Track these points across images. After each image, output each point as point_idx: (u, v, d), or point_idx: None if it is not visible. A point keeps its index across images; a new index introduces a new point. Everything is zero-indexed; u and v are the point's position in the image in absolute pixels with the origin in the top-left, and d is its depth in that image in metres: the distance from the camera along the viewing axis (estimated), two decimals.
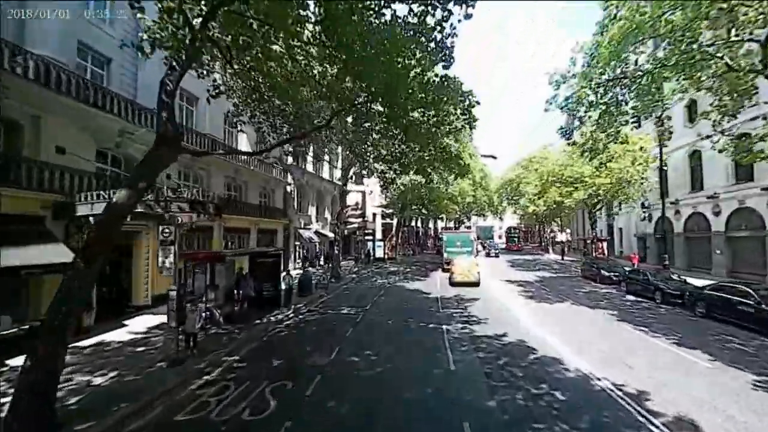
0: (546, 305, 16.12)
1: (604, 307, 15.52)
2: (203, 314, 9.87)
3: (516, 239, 56.02)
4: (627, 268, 21.75)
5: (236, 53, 9.87)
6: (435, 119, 8.95)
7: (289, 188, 29.76)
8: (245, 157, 22.96)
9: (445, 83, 8.43)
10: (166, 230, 9.46)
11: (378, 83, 8.49)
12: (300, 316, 14.44)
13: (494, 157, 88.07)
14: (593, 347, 10.18)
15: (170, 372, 8.60)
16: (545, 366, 8.75)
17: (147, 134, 14.25)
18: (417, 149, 9.28)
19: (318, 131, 14.02)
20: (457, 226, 77.68)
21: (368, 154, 18.67)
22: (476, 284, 21.16)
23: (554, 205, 31.22)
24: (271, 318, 13.85)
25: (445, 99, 8.56)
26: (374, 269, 32.40)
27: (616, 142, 15.83)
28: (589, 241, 32.93)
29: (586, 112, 15.93)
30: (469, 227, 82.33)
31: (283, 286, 15.83)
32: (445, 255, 28.99)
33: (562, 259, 39.77)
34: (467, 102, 8.65)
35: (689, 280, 18.11)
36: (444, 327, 12.27)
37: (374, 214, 52.94)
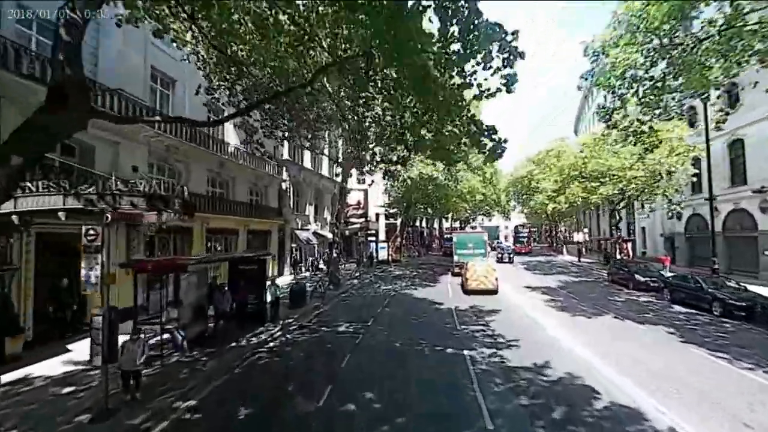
0: (583, 319, 13.49)
1: (655, 322, 12.87)
2: (146, 345, 7.34)
3: (525, 240, 52.43)
4: (668, 273, 19.02)
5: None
6: (462, 76, 6.44)
7: (284, 185, 27.28)
8: (232, 149, 20.50)
9: (479, 26, 5.86)
10: (91, 232, 6.93)
11: (385, 40, 5.99)
12: (288, 336, 11.89)
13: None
14: (676, 387, 7.55)
15: None
16: (623, 424, 6.15)
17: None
18: (434, 120, 6.74)
19: (300, 95, 11.50)
20: (462, 226, 74.96)
21: (370, 136, 16.09)
22: (494, 292, 18.55)
23: (578, 202, 28.53)
24: (252, 339, 11.31)
25: (477, 46, 6.01)
26: (377, 273, 29.84)
27: (669, 118, 13.24)
28: (611, 242, 30.17)
29: (629, 87, 13.33)
30: (474, 227, 79.49)
31: (269, 298, 13.31)
32: (456, 258, 26.37)
33: (579, 260, 37.01)
34: (507, 52, 6.10)
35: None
36: (466, 353, 9.68)
37: (377, 214, 50.41)
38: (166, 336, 9.69)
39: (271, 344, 11.05)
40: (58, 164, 11.83)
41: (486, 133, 6.68)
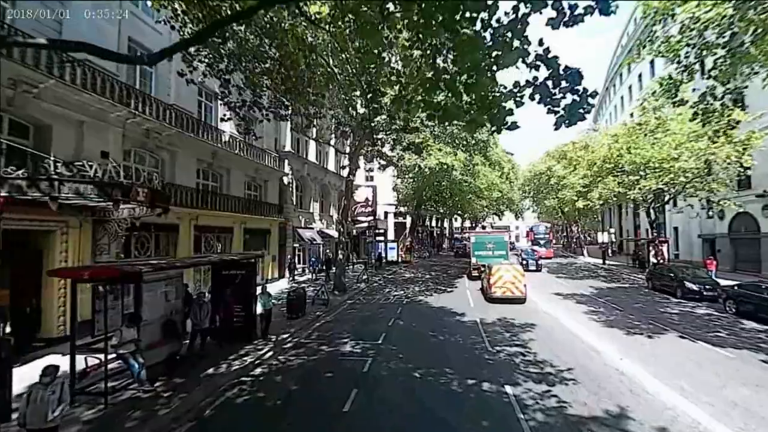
0: (641, 338, 11.03)
1: (733, 344, 10.36)
2: (64, 391, 5.14)
3: (545, 241, 47.02)
4: (732, 282, 16.35)
5: None
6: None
7: (286, 180, 25.12)
8: (227, 138, 18.36)
9: None
10: None
11: None
12: (280, 358, 9.66)
13: (511, 153, 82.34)
14: None
15: None
16: None
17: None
18: (468, 70, 4.39)
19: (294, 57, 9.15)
20: (473, 225, 72.28)
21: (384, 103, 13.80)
22: (522, 301, 16.13)
23: (612, 199, 25.85)
24: (235, 363, 9.10)
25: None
26: (387, 275, 27.55)
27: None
28: (645, 244, 27.42)
29: (698, 56, 10.83)
30: (485, 226, 76.61)
31: (259, 309, 11.10)
32: (473, 260, 23.96)
33: (604, 263, 34.26)
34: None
35: None
36: (510, 391, 7.32)
37: (386, 213, 48.08)
38: (119, 363, 7.52)
39: (258, 371, 8.82)
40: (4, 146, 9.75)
41: (565, 77, 4.36)
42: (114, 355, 7.34)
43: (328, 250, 29.02)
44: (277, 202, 23.70)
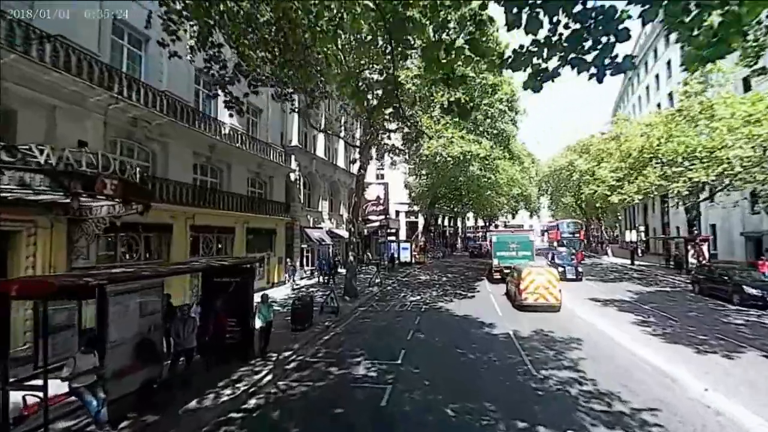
0: (717, 359, 9.07)
1: None
2: None
3: (575, 242, 37.09)
4: None
5: None
6: None
7: (293, 176, 23.58)
8: (227, 130, 16.85)
9: None
10: None
11: None
12: (280, 384, 8.01)
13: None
14: None
15: None
16: None
17: None
18: None
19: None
20: (486, 224, 69.98)
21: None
22: (557, 309, 14.23)
23: (653, 193, 23.61)
24: (225, 391, 7.48)
25: None
26: (400, 278, 25.82)
27: None
28: (683, 242, 25.12)
29: None
30: (497, 225, 74.26)
31: (258, 324, 9.48)
32: (495, 261, 22.06)
33: (633, 263, 31.90)
34: None
35: None
36: None
37: (397, 212, 46.39)
38: (72, 398, 5.95)
39: (252, 403, 7.17)
40: None
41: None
42: (66, 390, 5.78)
43: (337, 254, 27.39)
44: (283, 200, 22.18)
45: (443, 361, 9.21)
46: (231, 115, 10.04)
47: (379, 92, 14.51)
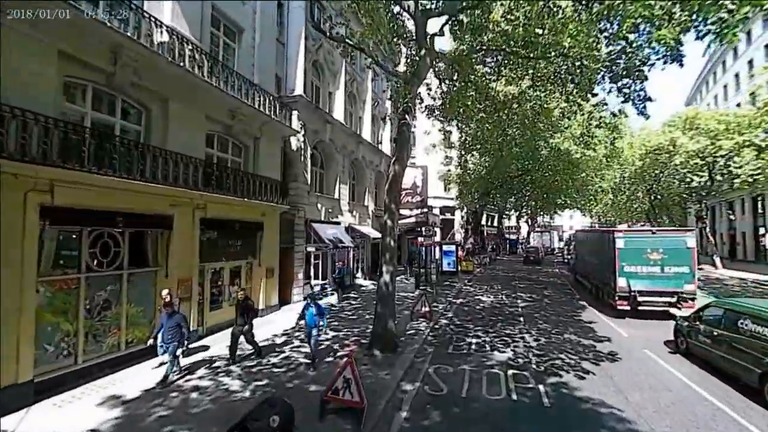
0: None
1: None
2: None
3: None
4: None
5: None
6: None
7: (294, 143, 15.55)
8: (163, 37, 8.88)
9: None
10: None
11: None
12: None
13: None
14: None
15: None
16: None
17: None
18: None
19: None
20: (531, 224, 60.09)
21: None
22: None
23: None
24: None
25: None
26: (452, 298, 17.32)
27: None
28: None
29: None
30: (527, 223, 63.13)
31: None
32: (620, 281, 13.23)
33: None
34: None
35: None
36: None
37: (431, 207, 37.76)
38: None
39: None
40: None
41: None
42: None
43: (339, 263, 18.98)
44: (278, 177, 14.18)
45: None
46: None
47: None
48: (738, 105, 34.27)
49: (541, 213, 55.03)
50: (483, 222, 53.32)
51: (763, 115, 22.19)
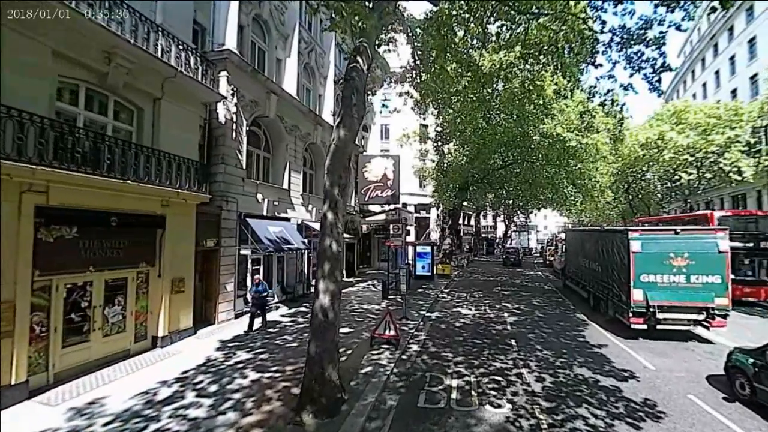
0: None
1: None
2: None
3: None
4: None
5: None
6: None
7: (223, 114, 11.90)
8: None
9: None
10: None
11: None
12: None
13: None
14: None
15: None
16: None
17: None
18: None
19: None
20: (506, 223, 58.09)
21: None
22: None
23: None
24: None
25: None
26: (426, 311, 14.11)
27: None
28: None
29: None
30: (509, 221, 61.18)
31: None
32: (635, 293, 10.43)
33: None
34: None
35: None
36: None
37: (404, 204, 34.62)
38: None
39: None
40: None
41: None
42: None
43: (257, 279, 13.53)
44: (195, 157, 10.51)
45: None
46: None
47: None
48: (718, 102, 33.34)
49: (519, 212, 53.02)
50: (459, 221, 50.85)
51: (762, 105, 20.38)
